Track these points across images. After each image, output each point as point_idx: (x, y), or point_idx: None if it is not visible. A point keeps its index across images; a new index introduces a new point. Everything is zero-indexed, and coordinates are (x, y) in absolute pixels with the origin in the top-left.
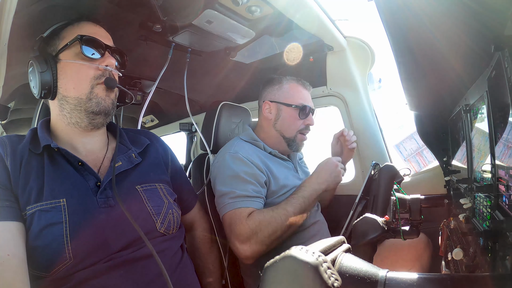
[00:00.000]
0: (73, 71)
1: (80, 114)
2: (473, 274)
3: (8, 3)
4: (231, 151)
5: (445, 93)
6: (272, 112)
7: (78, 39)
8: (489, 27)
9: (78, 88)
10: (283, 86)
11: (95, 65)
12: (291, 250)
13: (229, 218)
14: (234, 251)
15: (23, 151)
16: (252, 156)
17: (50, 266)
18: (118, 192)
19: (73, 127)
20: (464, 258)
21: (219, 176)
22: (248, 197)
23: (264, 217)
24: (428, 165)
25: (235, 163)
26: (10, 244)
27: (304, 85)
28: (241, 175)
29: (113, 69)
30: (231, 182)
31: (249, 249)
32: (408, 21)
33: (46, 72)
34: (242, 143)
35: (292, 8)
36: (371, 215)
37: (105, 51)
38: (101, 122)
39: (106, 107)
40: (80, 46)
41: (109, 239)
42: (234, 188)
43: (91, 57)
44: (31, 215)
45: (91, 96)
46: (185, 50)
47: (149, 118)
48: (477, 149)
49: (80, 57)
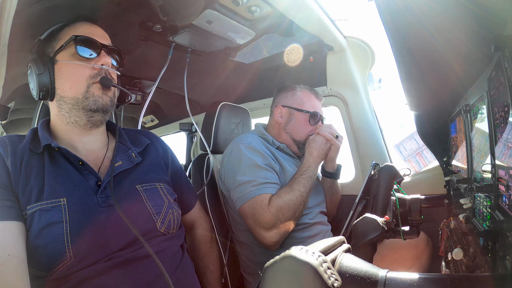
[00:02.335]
0: (69, 72)
1: (78, 112)
2: (473, 274)
3: (8, 3)
4: (244, 142)
5: (445, 93)
6: (284, 116)
7: (72, 39)
8: (489, 28)
9: (74, 88)
10: (296, 93)
11: (90, 64)
12: (291, 250)
13: (251, 207)
14: (260, 240)
15: (24, 151)
16: (263, 147)
17: (51, 265)
18: (118, 191)
19: (73, 126)
20: (464, 258)
21: (237, 166)
22: (268, 184)
23: (284, 201)
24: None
25: (252, 153)
26: (11, 244)
27: (316, 95)
28: (259, 163)
29: (110, 68)
30: (251, 171)
31: (275, 235)
32: (408, 21)
33: (44, 74)
34: (253, 135)
35: (292, 8)
36: (371, 215)
37: (101, 50)
38: (100, 120)
39: (103, 104)
40: (75, 46)
41: (109, 238)
42: (256, 177)
43: (87, 57)
44: (32, 214)
45: (88, 95)
46: (185, 50)
47: (149, 118)
48: (477, 149)
49: (76, 57)
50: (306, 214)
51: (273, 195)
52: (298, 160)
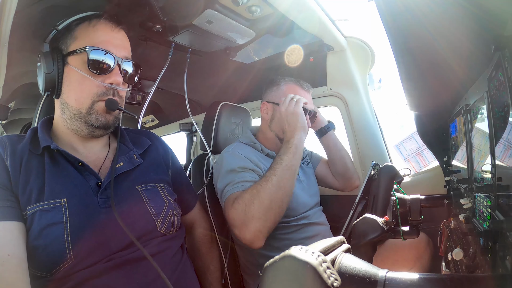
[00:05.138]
0: (77, 81)
1: (80, 124)
2: (473, 274)
3: (8, 3)
4: (229, 150)
5: (445, 93)
6: (269, 113)
7: (86, 50)
8: (489, 28)
9: (79, 101)
10: (280, 87)
11: (98, 82)
12: (291, 250)
13: (225, 209)
14: (240, 241)
15: (23, 151)
16: (249, 154)
17: (51, 266)
18: (118, 192)
19: (73, 132)
20: (464, 258)
21: (217, 174)
22: (241, 183)
23: (247, 193)
24: (428, 165)
25: (232, 159)
26: (11, 244)
27: (302, 86)
28: (236, 168)
29: (119, 87)
30: (228, 176)
31: (247, 231)
32: (408, 21)
33: (52, 74)
34: (241, 144)
35: (292, 8)
36: (371, 215)
37: (114, 66)
38: (101, 134)
39: (106, 123)
40: (87, 58)
41: (109, 239)
42: (231, 179)
43: (97, 73)
44: (32, 215)
45: (92, 112)
46: (185, 50)
47: (149, 118)
48: (477, 149)
49: (86, 68)
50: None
51: (242, 191)
52: None
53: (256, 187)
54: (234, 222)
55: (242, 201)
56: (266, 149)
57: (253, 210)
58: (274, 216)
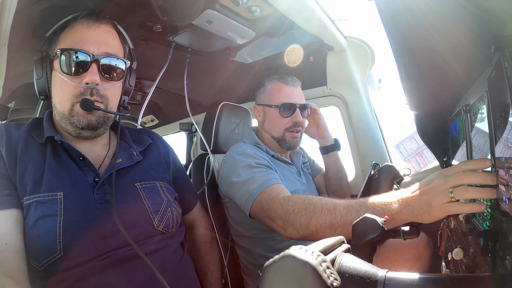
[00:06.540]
0: (59, 85)
1: (67, 126)
2: (473, 274)
3: (8, 3)
4: (237, 150)
5: (445, 93)
6: (260, 115)
7: (57, 53)
8: (489, 28)
9: (61, 103)
10: (266, 88)
11: (75, 83)
12: (291, 250)
13: (260, 203)
14: (282, 236)
15: (19, 139)
16: (259, 154)
17: (41, 257)
18: (116, 188)
19: (67, 133)
20: (464, 258)
21: (232, 172)
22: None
23: (300, 200)
24: (428, 165)
25: (245, 157)
26: (8, 233)
27: (287, 82)
28: (252, 163)
29: (96, 85)
30: (246, 171)
31: (293, 231)
32: (408, 21)
33: (41, 80)
34: (247, 144)
35: (292, 8)
36: (371, 215)
37: (90, 64)
38: (90, 135)
39: (89, 124)
40: (59, 61)
41: (105, 236)
42: (252, 174)
43: (71, 74)
44: (28, 205)
45: (73, 113)
46: (185, 50)
47: (149, 118)
48: (477, 149)
49: (62, 70)
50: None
51: (280, 184)
52: (293, 166)
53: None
54: (275, 215)
55: (292, 202)
56: (270, 150)
57: (298, 218)
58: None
